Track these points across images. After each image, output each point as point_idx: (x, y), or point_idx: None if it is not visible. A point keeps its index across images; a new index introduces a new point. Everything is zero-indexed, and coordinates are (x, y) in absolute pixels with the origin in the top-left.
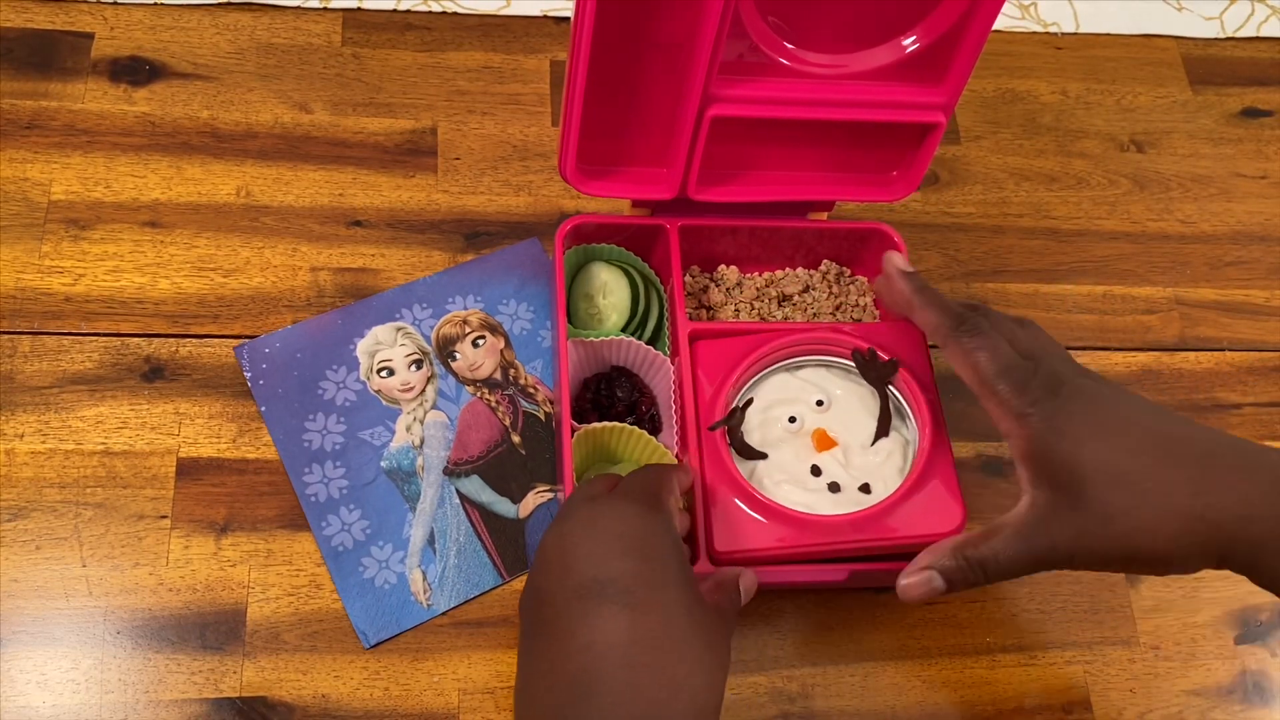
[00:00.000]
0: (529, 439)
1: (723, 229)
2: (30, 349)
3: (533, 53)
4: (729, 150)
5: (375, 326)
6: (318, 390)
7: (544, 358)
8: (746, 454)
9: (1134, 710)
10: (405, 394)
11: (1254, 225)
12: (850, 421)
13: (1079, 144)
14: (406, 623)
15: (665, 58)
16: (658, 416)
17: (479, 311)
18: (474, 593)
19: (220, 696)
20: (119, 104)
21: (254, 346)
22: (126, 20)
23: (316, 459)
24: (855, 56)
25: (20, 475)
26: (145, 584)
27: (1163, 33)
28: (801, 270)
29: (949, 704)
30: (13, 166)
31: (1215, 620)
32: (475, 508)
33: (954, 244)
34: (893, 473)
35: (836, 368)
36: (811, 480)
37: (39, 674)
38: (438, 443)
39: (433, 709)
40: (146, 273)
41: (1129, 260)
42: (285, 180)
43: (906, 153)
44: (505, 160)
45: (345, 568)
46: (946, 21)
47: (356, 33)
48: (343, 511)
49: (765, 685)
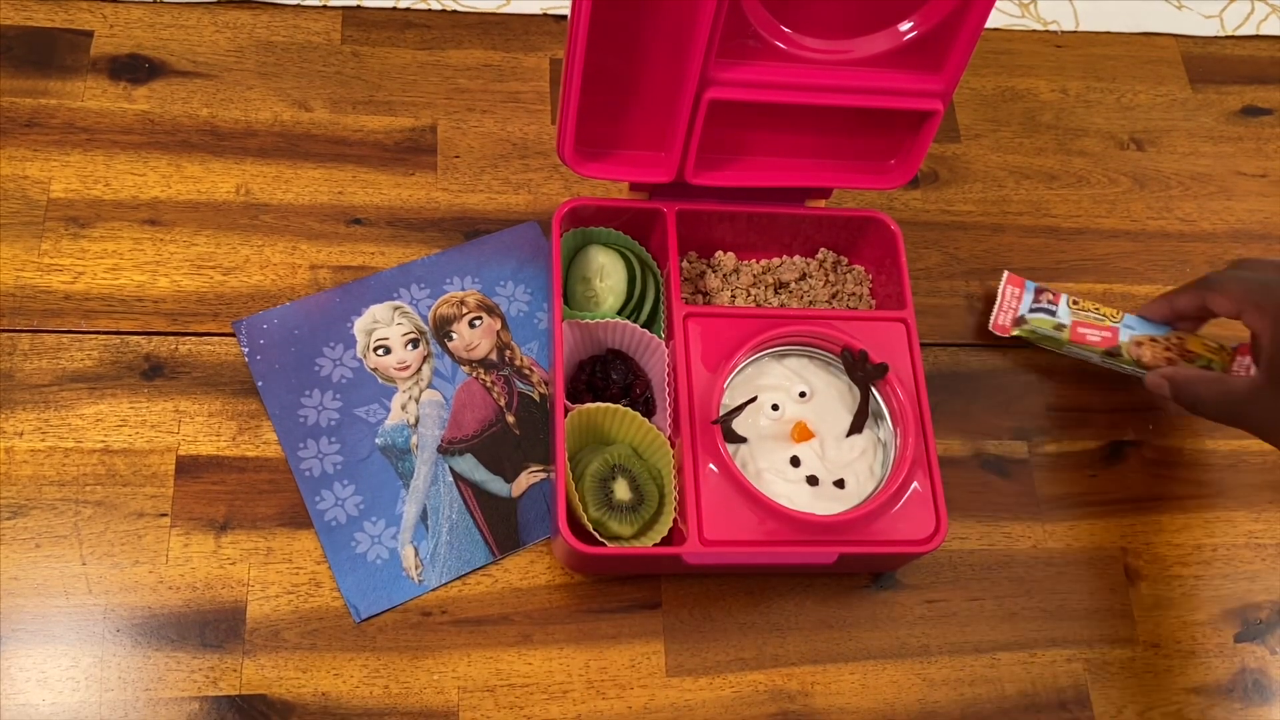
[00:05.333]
0: (523, 419)
1: (720, 214)
2: (30, 347)
3: (532, 51)
4: (727, 135)
5: (373, 305)
6: (314, 366)
7: (540, 339)
8: (730, 438)
9: (1134, 708)
10: (401, 372)
11: (1254, 224)
12: (828, 414)
13: (1079, 142)
14: (398, 598)
15: (663, 40)
16: (652, 399)
17: (476, 292)
18: (465, 569)
19: (220, 694)
20: (118, 102)
21: (252, 323)
22: (126, 18)
23: (312, 434)
24: (853, 43)
25: (20, 473)
26: (145, 582)
27: (1163, 31)
28: (799, 258)
29: (949, 702)
30: (12, 164)
31: (1215, 618)
32: (468, 486)
33: (954, 242)
34: (865, 470)
35: (819, 359)
36: (791, 471)
37: (39, 672)
38: (432, 421)
39: (432, 707)
40: (146, 271)
41: (1129, 258)
42: (285, 178)
43: (904, 140)
44: (505, 158)
45: (338, 542)
46: (944, 8)
47: (356, 31)
48: (336, 487)
49: (765, 683)
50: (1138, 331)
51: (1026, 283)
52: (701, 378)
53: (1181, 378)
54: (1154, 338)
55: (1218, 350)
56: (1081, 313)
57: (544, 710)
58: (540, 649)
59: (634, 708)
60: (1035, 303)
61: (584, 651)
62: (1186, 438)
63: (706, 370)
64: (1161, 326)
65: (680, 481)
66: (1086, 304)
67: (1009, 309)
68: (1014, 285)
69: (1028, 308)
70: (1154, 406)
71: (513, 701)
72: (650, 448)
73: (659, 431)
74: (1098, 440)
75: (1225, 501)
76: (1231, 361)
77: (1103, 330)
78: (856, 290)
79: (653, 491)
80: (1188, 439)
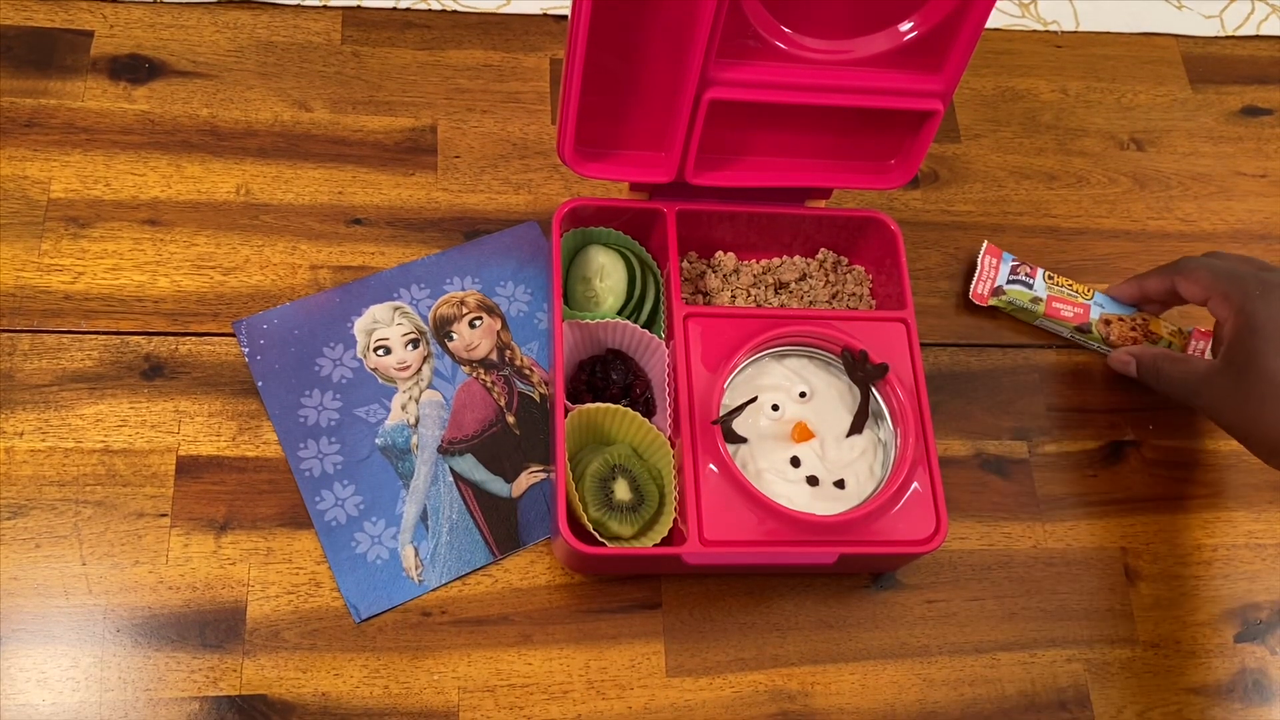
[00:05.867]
0: (523, 419)
1: (720, 214)
2: (30, 347)
3: (532, 51)
4: (727, 135)
5: (373, 305)
6: (314, 367)
7: (540, 339)
8: (730, 438)
9: (1134, 708)
10: (401, 372)
11: (1254, 224)
12: (828, 414)
13: (1079, 142)
14: (398, 598)
15: (663, 40)
16: (652, 400)
17: (476, 292)
18: (465, 570)
19: (220, 695)
20: (118, 102)
21: (252, 323)
22: (126, 18)
23: (312, 434)
24: (853, 43)
25: (20, 473)
26: (145, 582)
27: (1163, 31)
28: (799, 258)
29: (949, 702)
30: (12, 164)
31: (1215, 618)
32: (468, 486)
33: (954, 242)
34: (865, 470)
35: (819, 359)
36: (791, 471)
37: (39, 672)
38: (433, 421)
39: (432, 707)
40: (146, 271)
41: (1129, 259)
42: (285, 178)
43: (904, 141)
44: (505, 158)
45: (338, 542)
46: (944, 8)
47: (356, 31)
48: (336, 487)
49: (765, 683)
50: (1107, 310)
51: (1004, 254)
52: (701, 378)
53: (1148, 355)
54: (1121, 317)
55: (1177, 333)
56: (1057, 287)
57: (544, 710)
58: (540, 649)
59: (634, 708)
60: (1013, 274)
61: (584, 651)
62: (1186, 438)
63: (706, 370)
64: (1129, 307)
65: (680, 482)
66: (1061, 279)
67: (987, 279)
68: (992, 255)
69: (1005, 278)
70: (1154, 406)
71: (513, 702)
72: (650, 448)
73: (659, 431)
74: (1098, 440)
75: (1225, 501)
76: (1187, 345)
77: (1075, 306)
78: (856, 290)
79: (653, 492)
80: (1188, 439)
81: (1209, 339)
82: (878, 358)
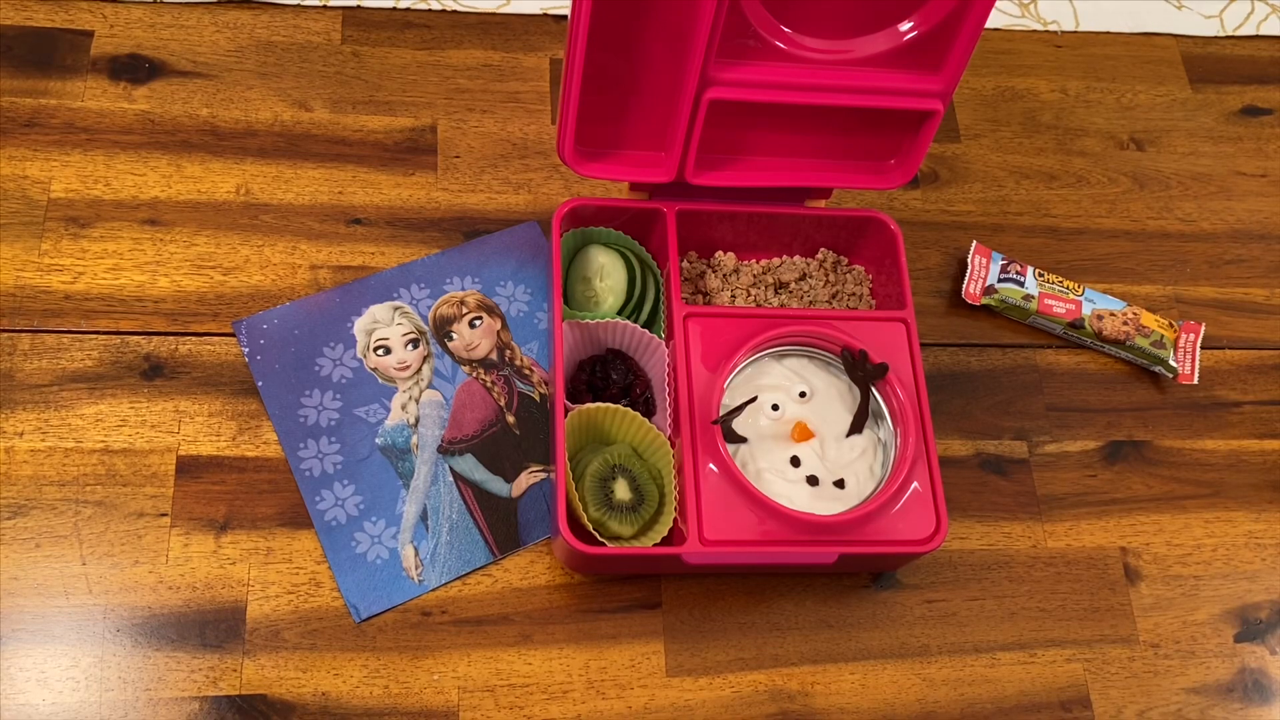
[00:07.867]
0: (523, 419)
1: (720, 214)
2: (30, 347)
3: (532, 50)
4: (727, 135)
5: (373, 305)
6: (314, 367)
7: (540, 339)
8: (730, 438)
9: (1134, 708)
10: (401, 372)
11: (1254, 223)
12: (828, 414)
13: (1079, 142)
14: (398, 598)
15: (663, 40)
16: (652, 399)
17: (476, 293)
18: (465, 569)
19: (220, 694)
20: (118, 102)
21: (252, 323)
22: (126, 18)
23: (312, 434)
24: (853, 43)
25: (20, 473)
26: (145, 582)
27: (1162, 31)
28: (799, 258)
29: (948, 702)
30: (12, 164)
31: (1215, 618)
32: (468, 486)
33: (954, 242)
34: (865, 470)
35: (819, 359)
36: (791, 471)
37: (39, 672)
38: (433, 421)
39: (432, 706)
40: (146, 271)
41: (1129, 258)
42: (285, 178)
43: (904, 140)
44: (505, 158)
45: (338, 542)
46: (944, 8)
47: (356, 31)
48: (337, 487)
49: (765, 683)
50: (1099, 305)
51: (993, 253)
52: (701, 378)
53: None
54: (1113, 312)
55: (1167, 327)
56: (1048, 284)
57: (544, 710)
58: (540, 649)
59: (634, 708)
60: (1004, 273)
61: (584, 651)
62: (1186, 438)
63: (706, 370)
64: (1120, 302)
65: (680, 481)
66: (1052, 276)
67: (979, 278)
68: (981, 255)
69: (996, 277)
70: (1154, 406)
71: (513, 701)
72: (650, 448)
73: (659, 431)
74: (1098, 440)
75: (1225, 501)
76: (1177, 338)
77: (1067, 303)
78: (856, 290)
79: (653, 491)
80: (1188, 439)
81: (1198, 332)
82: (878, 357)
